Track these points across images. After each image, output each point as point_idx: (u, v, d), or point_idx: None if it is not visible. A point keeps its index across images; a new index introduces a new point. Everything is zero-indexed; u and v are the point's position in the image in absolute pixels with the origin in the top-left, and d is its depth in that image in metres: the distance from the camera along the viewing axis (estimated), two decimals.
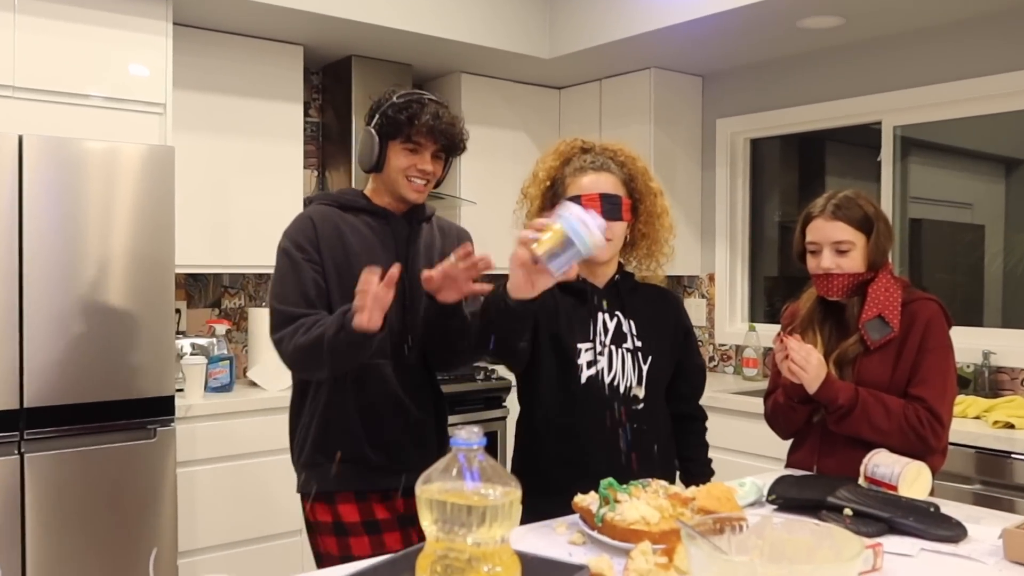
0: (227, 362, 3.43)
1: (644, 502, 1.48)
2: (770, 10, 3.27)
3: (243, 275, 3.91)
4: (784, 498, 1.71)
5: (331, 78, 4.05)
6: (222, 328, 3.64)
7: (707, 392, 2.18)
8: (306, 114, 4.02)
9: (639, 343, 1.92)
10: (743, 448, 3.35)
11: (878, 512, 1.58)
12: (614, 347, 1.90)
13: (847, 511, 1.60)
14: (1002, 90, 3.29)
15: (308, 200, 2.06)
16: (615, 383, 1.88)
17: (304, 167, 3.83)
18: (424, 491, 1.02)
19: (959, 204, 3.65)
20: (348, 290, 1.74)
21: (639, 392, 1.90)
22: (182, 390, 3.24)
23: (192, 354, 3.40)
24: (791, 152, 4.27)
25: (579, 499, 1.57)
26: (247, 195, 3.58)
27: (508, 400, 3.98)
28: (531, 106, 4.45)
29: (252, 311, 3.71)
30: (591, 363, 1.88)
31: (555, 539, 1.54)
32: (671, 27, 3.50)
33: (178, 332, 3.56)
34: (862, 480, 1.81)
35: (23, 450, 2.65)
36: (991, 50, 3.32)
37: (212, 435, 3.19)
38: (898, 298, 1.97)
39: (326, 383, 1.93)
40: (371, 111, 1.97)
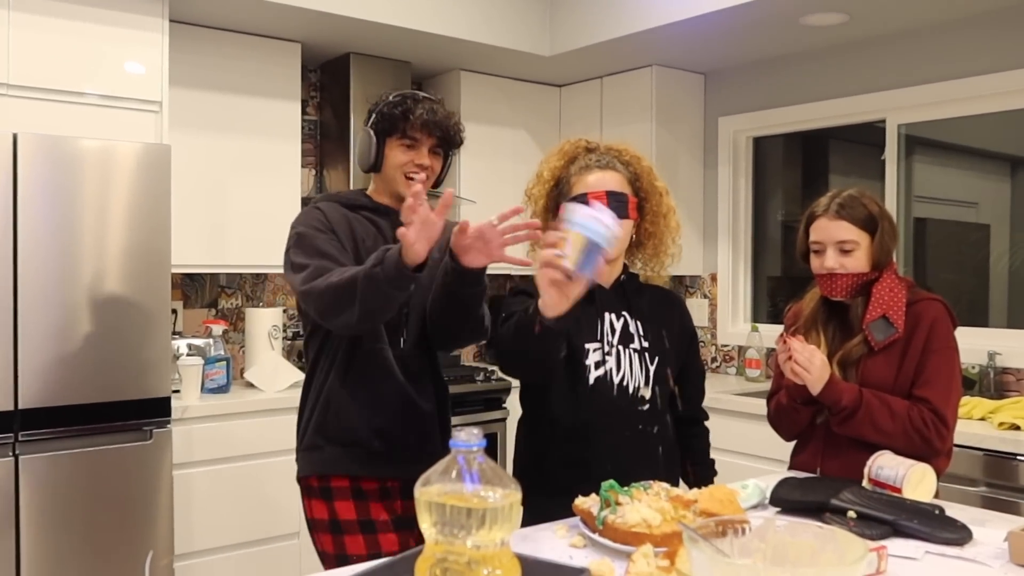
0: (224, 363, 3.43)
1: (646, 504, 1.48)
2: (773, 7, 3.27)
3: (240, 275, 3.91)
4: (787, 501, 1.71)
5: (329, 76, 4.05)
6: (219, 329, 3.64)
7: (709, 393, 2.19)
8: (304, 112, 4.02)
9: (646, 343, 1.93)
10: (746, 450, 3.35)
11: (882, 515, 1.58)
12: (622, 347, 1.91)
13: (851, 514, 1.60)
14: (1007, 88, 3.29)
15: (308, 201, 2.07)
16: (624, 383, 1.89)
17: (302, 166, 3.83)
18: (423, 493, 1.02)
19: (964, 203, 3.65)
20: None
21: (646, 393, 1.91)
22: (178, 391, 3.24)
23: (188, 355, 3.40)
24: (794, 151, 4.27)
25: (580, 502, 1.57)
26: (244, 194, 3.58)
27: (508, 401, 3.98)
28: (531, 104, 4.45)
29: (249, 311, 3.71)
30: (599, 363, 1.89)
31: (555, 542, 1.54)
32: (673, 24, 3.50)
33: (174, 333, 3.57)
34: (866, 482, 1.81)
35: (18, 452, 2.65)
36: (996, 48, 3.32)
37: (209, 437, 3.19)
38: (903, 298, 1.96)
39: (331, 369, 1.93)
40: (368, 113, 2.01)
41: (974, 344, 3.29)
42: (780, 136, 4.21)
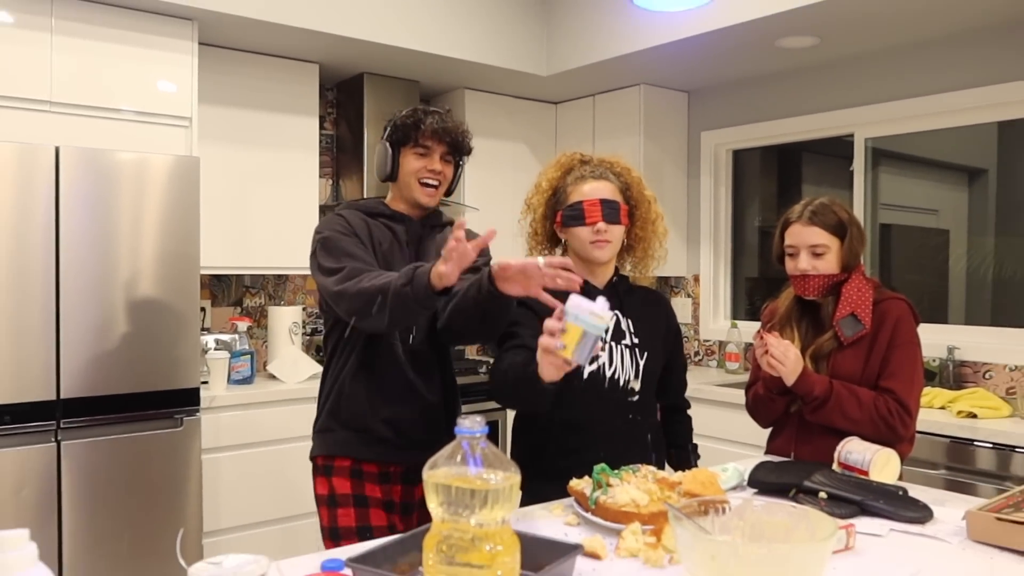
0: (248, 356, 3.43)
1: (634, 486, 1.48)
2: (751, 31, 3.28)
3: (263, 276, 3.91)
4: (764, 483, 1.71)
5: (344, 94, 4.05)
6: (244, 325, 3.64)
7: (692, 384, 2.19)
8: (321, 127, 4.02)
9: (636, 340, 1.93)
10: (726, 436, 3.35)
11: (851, 495, 1.58)
12: (614, 343, 1.90)
13: (822, 494, 1.60)
14: (965, 105, 3.29)
15: (326, 208, 2.06)
16: (615, 377, 1.88)
17: (319, 176, 3.83)
18: (431, 476, 1.03)
19: (926, 210, 3.65)
20: None
21: (635, 385, 1.91)
22: (207, 382, 3.25)
23: (216, 349, 3.41)
24: (770, 162, 4.27)
25: (574, 483, 1.57)
26: (266, 202, 3.57)
27: None
28: (530, 119, 4.44)
29: (271, 309, 3.71)
30: (594, 359, 1.88)
31: (552, 520, 1.54)
32: (659, 46, 3.50)
33: (203, 329, 3.57)
34: (836, 466, 1.81)
35: (60, 438, 2.66)
36: (956, 68, 3.32)
37: (234, 424, 3.19)
38: (870, 297, 1.97)
39: (346, 361, 1.93)
40: (384, 128, 2.01)
41: (935, 339, 3.29)
42: (757, 149, 4.21)
